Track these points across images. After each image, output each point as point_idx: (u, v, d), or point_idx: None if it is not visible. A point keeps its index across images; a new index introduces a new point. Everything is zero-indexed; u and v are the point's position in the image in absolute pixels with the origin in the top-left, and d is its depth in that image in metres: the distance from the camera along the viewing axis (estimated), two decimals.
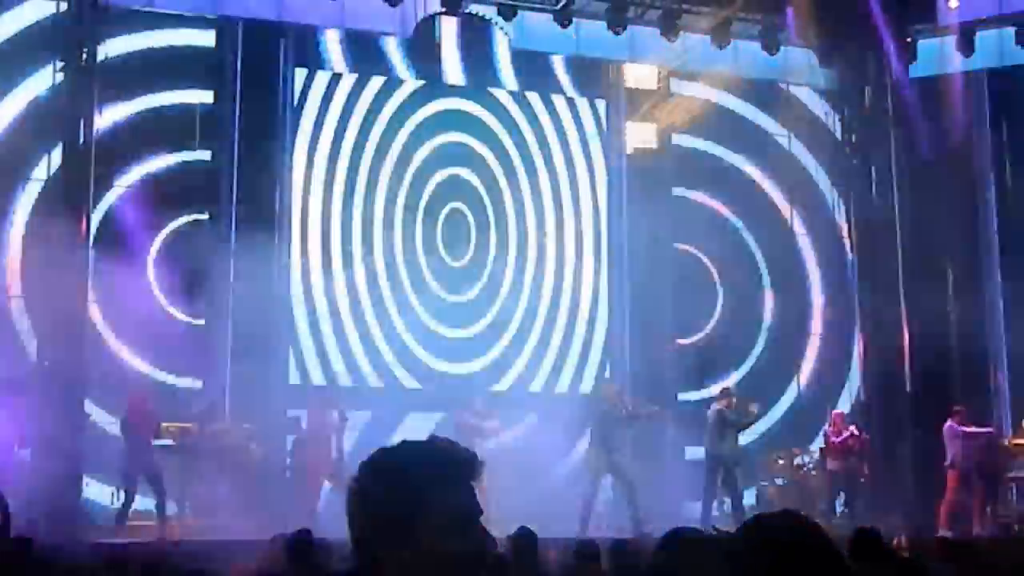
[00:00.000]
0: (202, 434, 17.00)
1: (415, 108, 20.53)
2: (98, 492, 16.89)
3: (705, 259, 21.69)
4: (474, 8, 19.98)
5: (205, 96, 19.23)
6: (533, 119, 21.25)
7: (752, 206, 21.99)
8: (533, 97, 21.34)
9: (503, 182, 20.93)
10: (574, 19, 19.93)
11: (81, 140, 16.92)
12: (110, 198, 18.39)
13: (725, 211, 21.91)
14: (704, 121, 21.58)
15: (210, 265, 18.49)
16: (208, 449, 16.69)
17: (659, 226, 20.74)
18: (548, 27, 19.88)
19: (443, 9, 19.57)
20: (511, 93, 21.16)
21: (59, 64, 17.24)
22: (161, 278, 18.54)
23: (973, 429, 17.46)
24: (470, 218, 20.68)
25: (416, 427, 18.70)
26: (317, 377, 19.38)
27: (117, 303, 17.99)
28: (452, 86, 20.88)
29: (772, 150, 22.26)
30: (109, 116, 18.02)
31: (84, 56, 17.01)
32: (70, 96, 17.07)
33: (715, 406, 17.33)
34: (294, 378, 19.23)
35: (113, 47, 17.86)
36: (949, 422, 17.41)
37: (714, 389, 19.10)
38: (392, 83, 20.50)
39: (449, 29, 20.66)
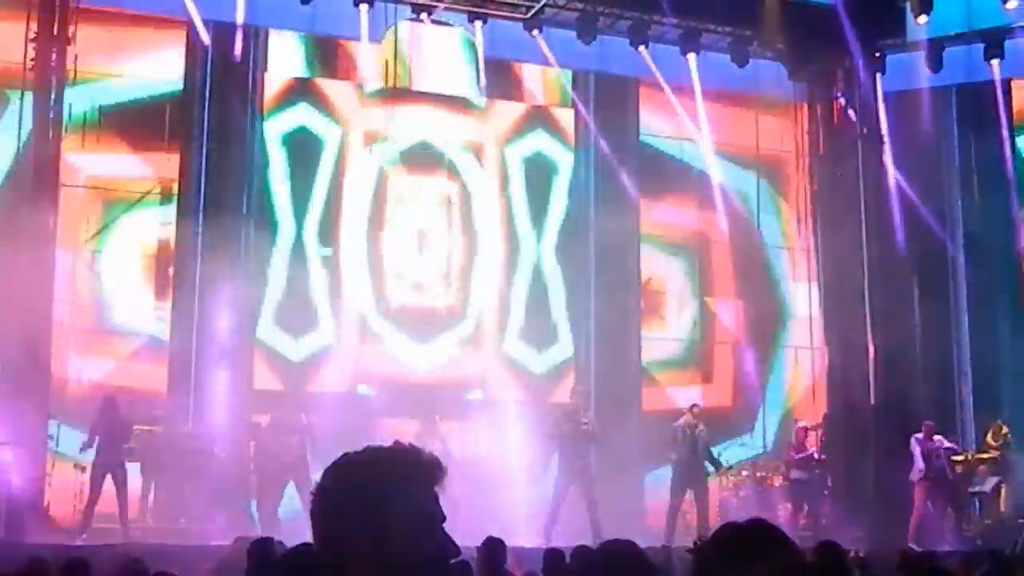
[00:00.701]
0: (166, 437, 16.94)
1: (383, 114, 20.50)
2: (61, 493, 16.75)
3: (674, 271, 21.77)
4: (443, 15, 19.94)
5: (173, 97, 19.18)
6: (501, 127, 21.23)
7: (720, 218, 22.00)
8: (501, 105, 21.33)
9: (471, 189, 20.89)
10: (544, 28, 19.98)
11: (50, 136, 16.86)
12: (75, 197, 18.29)
13: (693, 223, 21.93)
14: (672, 132, 21.73)
15: (176, 268, 18.46)
16: (172, 452, 16.63)
17: (626, 237, 20.83)
18: (517, 35, 19.91)
19: (412, 16, 19.57)
20: (478, 100, 21.13)
21: (29, 64, 17.11)
22: (126, 279, 18.49)
23: (941, 443, 17.61)
24: (438, 223, 20.64)
25: (382, 434, 18.69)
26: (281, 382, 19.28)
27: (82, 303, 17.98)
28: (419, 92, 20.84)
29: (740, 163, 22.33)
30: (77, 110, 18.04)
31: (53, 56, 16.93)
32: (37, 96, 16.98)
33: (682, 420, 17.47)
34: (259, 383, 19.13)
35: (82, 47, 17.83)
36: (917, 436, 17.55)
37: (681, 401, 19.26)
38: (360, 88, 20.47)
39: (417, 35, 20.66)
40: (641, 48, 20.33)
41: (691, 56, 20.67)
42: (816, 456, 18.60)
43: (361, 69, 20.27)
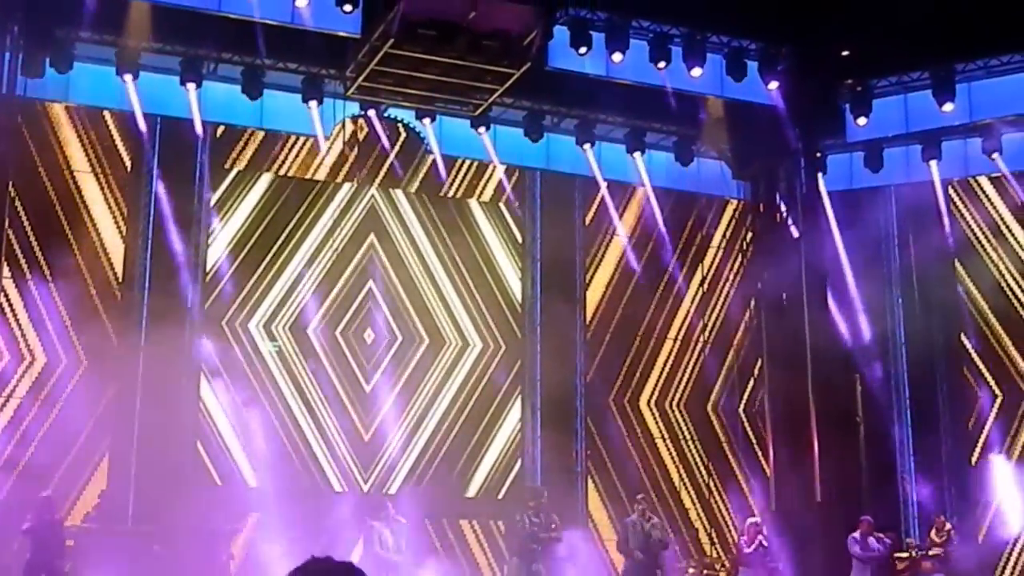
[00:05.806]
0: (103, 534, 16.66)
1: (330, 208, 20.53)
2: None
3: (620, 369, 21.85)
4: (392, 112, 20.05)
5: (120, 190, 19.14)
6: (449, 221, 21.29)
7: (667, 318, 22.14)
8: (449, 200, 21.41)
9: (419, 283, 20.91)
10: (491, 125, 20.11)
11: None
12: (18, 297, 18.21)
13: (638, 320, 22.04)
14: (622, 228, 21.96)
15: (118, 367, 18.25)
16: (110, 549, 16.32)
17: (573, 332, 20.94)
18: (466, 133, 20.04)
19: (361, 112, 19.66)
20: (426, 195, 21.20)
21: None
22: (70, 377, 18.29)
23: (880, 540, 17.58)
24: (384, 315, 20.59)
25: (329, 531, 18.58)
26: (221, 478, 19.08)
27: (24, 401, 17.82)
28: (368, 187, 20.88)
29: (688, 263, 22.54)
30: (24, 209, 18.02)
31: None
32: None
33: (632, 516, 17.38)
34: (205, 479, 18.90)
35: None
36: (855, 533, 17.52)
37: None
38: (308, 183, 20.48)
39: (367, 131, 20.75)
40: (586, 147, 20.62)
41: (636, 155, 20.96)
42: (759, 548, 18.48)
43: (310, 164, 20.26)
